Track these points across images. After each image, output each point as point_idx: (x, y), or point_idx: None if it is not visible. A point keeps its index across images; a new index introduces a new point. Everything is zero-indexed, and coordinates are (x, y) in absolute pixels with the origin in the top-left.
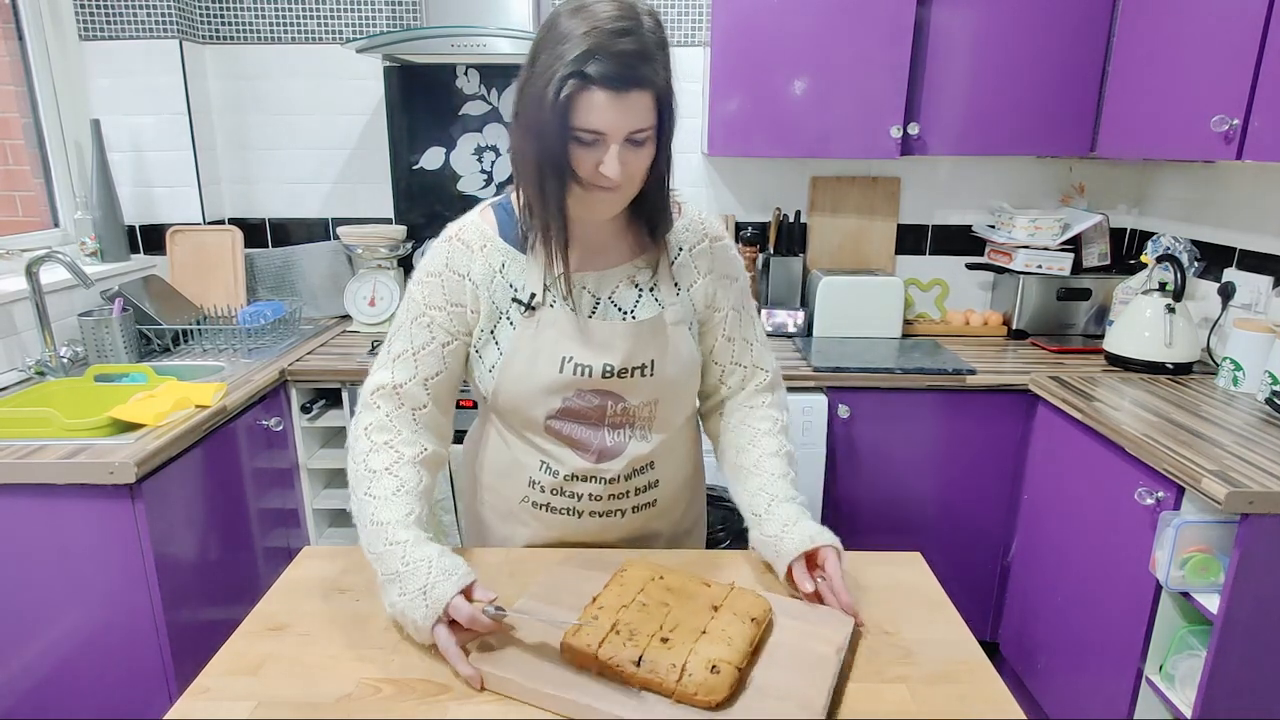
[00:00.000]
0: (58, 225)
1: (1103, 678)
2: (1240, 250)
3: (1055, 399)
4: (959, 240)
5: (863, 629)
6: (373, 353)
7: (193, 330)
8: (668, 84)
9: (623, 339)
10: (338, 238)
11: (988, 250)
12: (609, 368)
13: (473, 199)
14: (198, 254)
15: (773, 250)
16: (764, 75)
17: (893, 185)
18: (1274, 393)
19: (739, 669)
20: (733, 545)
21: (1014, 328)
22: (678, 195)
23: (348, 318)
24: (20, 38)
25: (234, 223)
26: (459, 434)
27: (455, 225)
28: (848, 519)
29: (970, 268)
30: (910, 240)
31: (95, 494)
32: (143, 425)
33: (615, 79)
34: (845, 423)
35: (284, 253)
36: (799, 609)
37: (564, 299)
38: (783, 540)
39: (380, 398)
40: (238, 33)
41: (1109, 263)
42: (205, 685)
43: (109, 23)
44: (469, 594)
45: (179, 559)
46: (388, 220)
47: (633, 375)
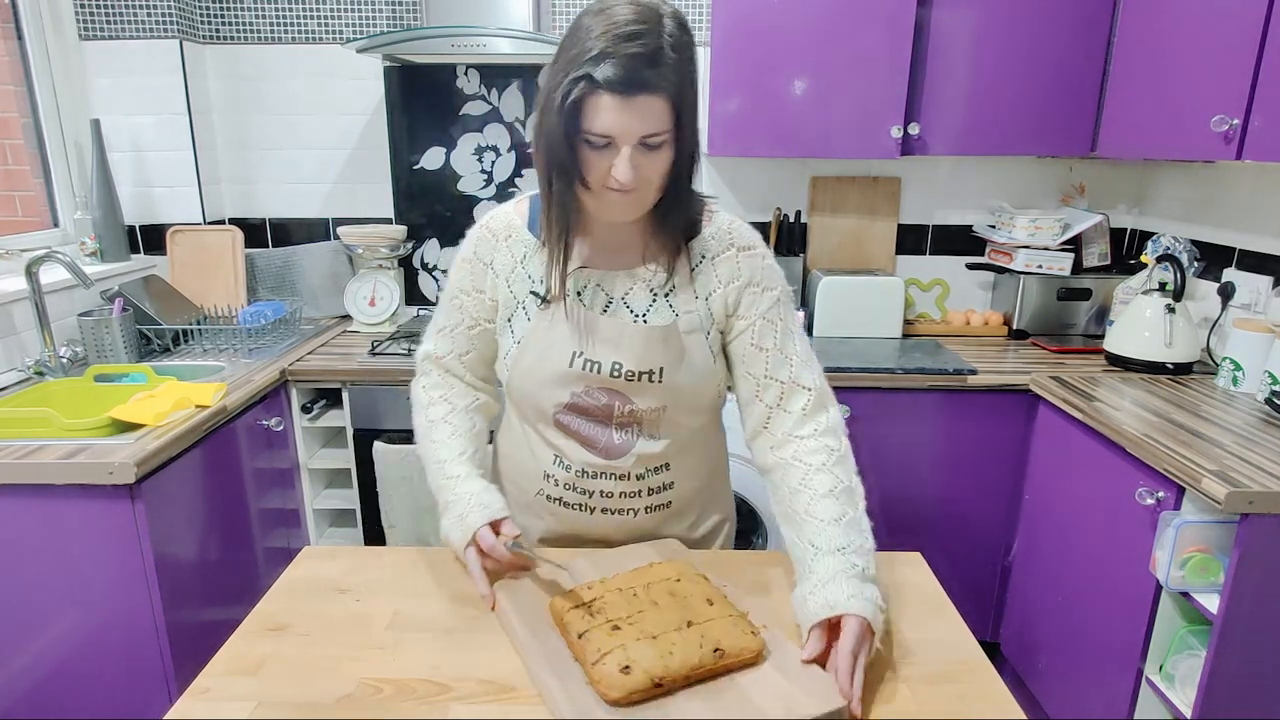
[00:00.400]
0: (58, 225)
1: (1103, 678)
2: (1240, 250)
3: (1056, 399)
4: (959, 240)
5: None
6: (373, 353)
7: (193, 330)
8: (684, 88)
9: (632, 340)
10: (338, 238)
11: (988, 250)
12: (618, 367)
13: (473, 199)
14: (198, 254)
15: (773, 250)
16: (764, 75)
17: (893, 185)
18: (1274, 393)
19: (657, 682)
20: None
21: (1014, 328)
22: (711, 202)
23: (348, 318)
24: (20, 38)
25: (234, 223)
26: None
27: (489, 213)
28: None
29: (970, 268)
30: (910, 240)
31: (95, 494)
32: (143, 425)
33: (621, 83)
34: (846, 423)
35: (284, 253)
36: (795, 667)
37: (557, 299)
38: (807, 602)
39: (429, 364)
40: (238, 33)
41: (1109, 263)
42: (205, 685)
43: (109, 22)
44: (497, 527)
45: (179, 559)
46: (388, 220)
47: (640, 380)
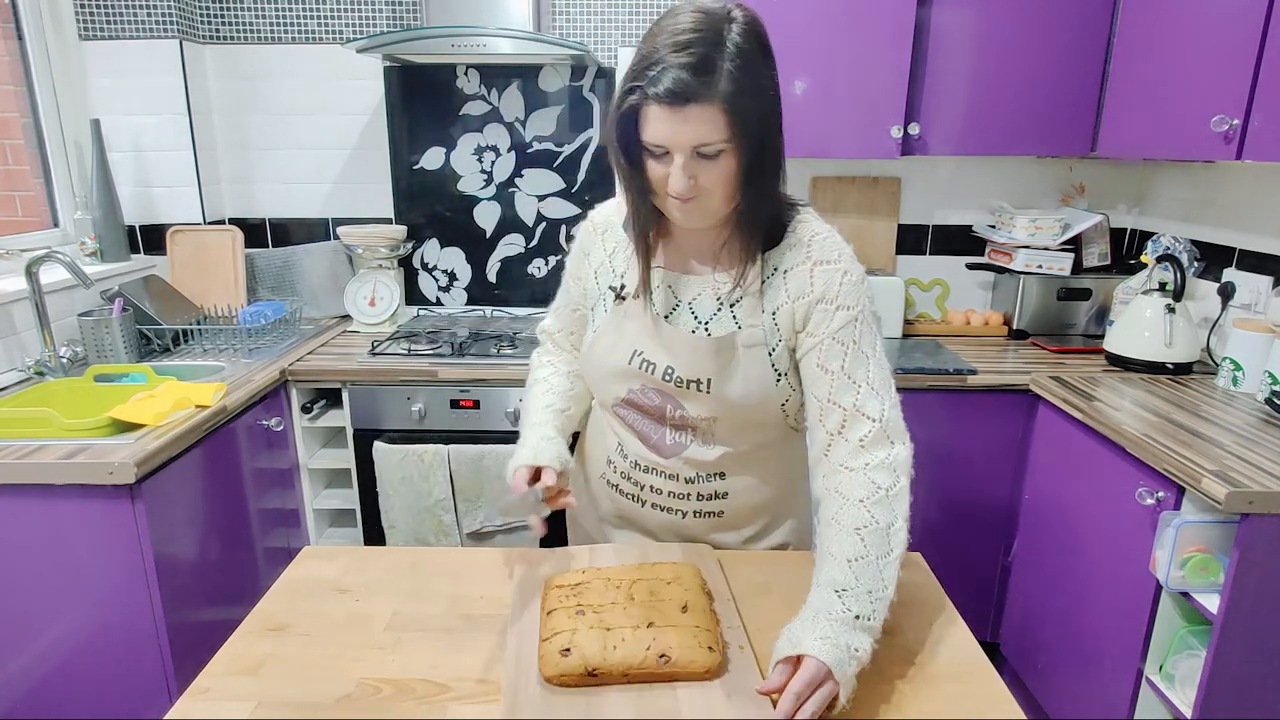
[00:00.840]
0: (58, 225)
1: (1103, 678)
2: (1240, 250)
3: (1056, 399)
4: (959, 240)
5: None
6: (373, 353)
7: (193, 330)
8: (743, 96)
9: (684, 347)
10: (338, 238)
11: (988, 250)
12: (670, 371)
13: (473, 199)
14: (198, 254)
15: None
16: None
17: (893, 185)
18: (1274, 393)
19: (591, 671)
20: None
21: (1014, 328)
22: (805, 210)
23: (348, 318)
24: (20, 37)
25: (234, 223)
26: None
27: (598, 206)
28: None
29: (971, 268)
30: (911, 240)
31: (95, 494)
32: (143, 425)
33: (667, 95)
34: None
35: (284, 253)
36: (743, 693)
37: (636, 296)
38: (782, 635)
39: (544, 336)
40: (238, 33)
41: (1109, 263)
42: (205, 685)
43: (109, 23)
44: (538, 474)
45: (179, 559)
46: (388, 220)
47: (689, 387)
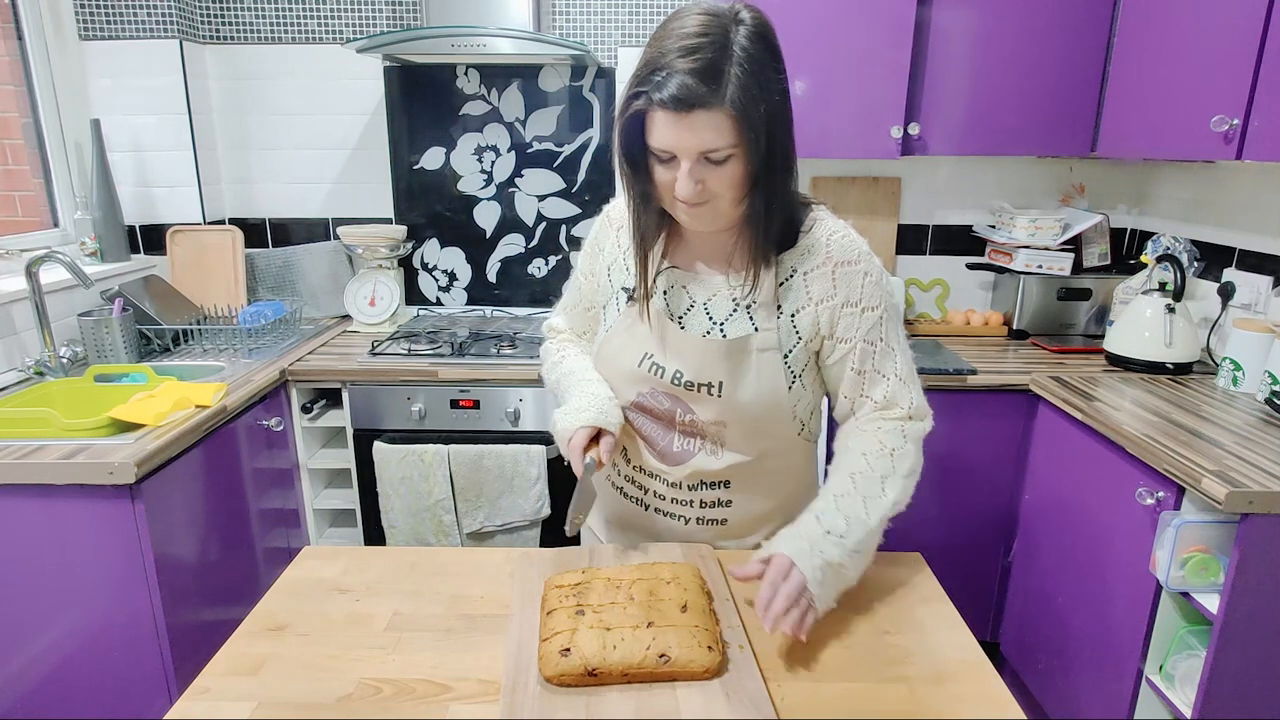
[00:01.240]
0: (58, 225)
1: (1103, 678)
2: (1240, 250)
3: (1056, 399)
4: (959, 240)
5: None
6: (373, 353)
7: (193, 330)
8: (751, 100)
9: (694, 350)
10: (338, 238)
11: (988, 250)
12: (679, 375)
13: (473, 199)
14: (198, 254)
15: None
16: None
17: (893, 185)
18: (1274, 393)
19: (591, 671)
20: None
21: (1014, 328)
22: (820, 210)
23: (348, 318)
24: (20, 37)
25: (234, 223)
26: None
27: (614, 200)
28: None
29: (971, 268)
30: (911, 240)
31: (95, 494)
32: (143, 425)
33: (673, 101)
34: None
35: (284, 253)
36: (742, 692)
37: (641, 299)
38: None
39: (551, 333)
40: (238, 33)
41: (1109, 263)
42: (205, 685)
43: (109, 22)
44: (598, 438)
45: (179, 559)
46: (388, 220)
47: (698, 390)
